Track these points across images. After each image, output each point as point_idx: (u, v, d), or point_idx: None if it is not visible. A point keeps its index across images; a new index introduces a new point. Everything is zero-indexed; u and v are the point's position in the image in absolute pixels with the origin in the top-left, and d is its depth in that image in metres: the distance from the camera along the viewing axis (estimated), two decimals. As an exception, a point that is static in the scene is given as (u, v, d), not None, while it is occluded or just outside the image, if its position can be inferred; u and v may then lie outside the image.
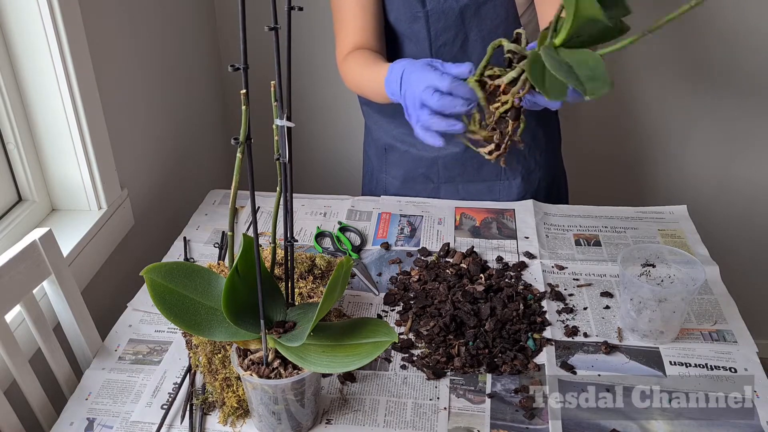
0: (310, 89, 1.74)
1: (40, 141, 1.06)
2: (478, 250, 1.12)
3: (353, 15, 1.13)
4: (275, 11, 0.64)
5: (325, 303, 0.70)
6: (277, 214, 0.80)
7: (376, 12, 1.14)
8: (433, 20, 1.12)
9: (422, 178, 1.31)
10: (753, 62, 1.59)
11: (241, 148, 0.66)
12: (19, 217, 1.05)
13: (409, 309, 0.99)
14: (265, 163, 0.86)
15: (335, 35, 1.18)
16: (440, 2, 1.10)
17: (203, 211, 1.27)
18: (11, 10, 0.96)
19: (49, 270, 0.87)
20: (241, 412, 0.82)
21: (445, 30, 1.12)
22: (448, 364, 0.88)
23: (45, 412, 0.86)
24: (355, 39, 1.14)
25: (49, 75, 1.00)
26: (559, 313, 0.98)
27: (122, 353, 0.93)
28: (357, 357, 0.70)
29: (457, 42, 1.14)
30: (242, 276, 0.72)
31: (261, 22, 0.62)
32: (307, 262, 1.05)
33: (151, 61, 1.32)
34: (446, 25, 1.12)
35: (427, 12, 1.11)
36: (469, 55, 1.15)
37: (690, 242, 1.13)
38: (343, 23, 1.15)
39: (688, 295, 0.88)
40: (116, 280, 1.18)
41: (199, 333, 0.73)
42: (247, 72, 0.61)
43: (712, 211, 1.79)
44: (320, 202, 1.29)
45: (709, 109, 1.67)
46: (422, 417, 0.81)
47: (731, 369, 0.87)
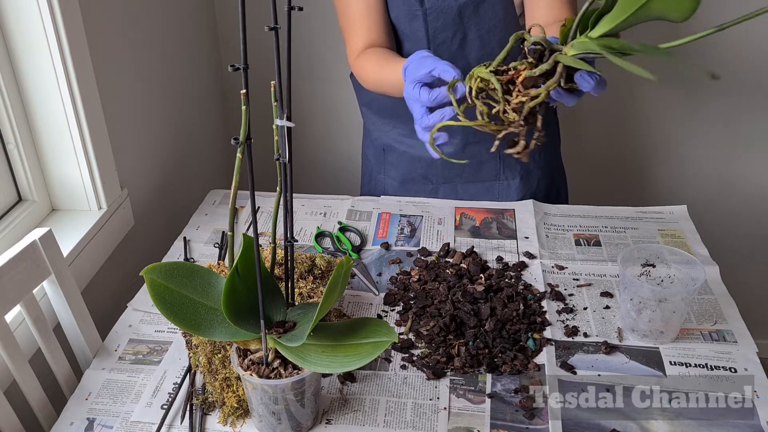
0: (310, 89, 1.74)
1: (40, 141, 1.06)
2: (478, 250, 1.12)
3: (360, 14, 1.13)
4: (275, 11, 0.64)
5: (325, 303, 0.70)
6: (277, 214, 0.80)
7: (382, 9, 1.14)
8: (431, 18, 1.12)
9: (421, 179, 1.30)
10: (753, 62, 1.59)
11: (241, 148, 0.66)
12: (19, 217, 1.05)
13: (409, 309, 0.99)
14: (265, 163, 0.86)
15: (344, 34, 1.18)
16: (439, 0, 1.10)
17: (203, 211, 1.27)
18: (11, 10, 0.96)
19: (49, 270, 0.87)
20: (241, 412, 0.82)
21: (443, 28, 1.12)
22: (448, 364, 0.88)
23: (45, 412, 0.85)
24: (366, 38, 1.14)
25: (49, 75, 1.00)
26: (559, 313, 0.98)
27: (122, 353, 0.93)
28: (357, 357, 0.70)
29: (455, 41, 1.14)
30: (242, 276, 0.72)
31: (261, 22, 0.62)
32: (307, 262, 1.05)
33: (151, 61, 1.32)
34: (444, 24, 1.12)
35: (425, 10, 1.11)
36: (467, 53, 1.15)
37: (690, 242, 1.13)
38: (351, 23, 1.15)
39: (688, 295, 0.88)
40: (116, 280, 1.18)
41: (199, 333, 0.73)
42: (247, 72, 0.61)
43: (712, 211, 1.79)
44: (320, 202, 1.29)
45: (709, 109, 1.67)
46: (422, 417, 0.81)
47: (731, 369, 0.87)
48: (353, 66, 1.17)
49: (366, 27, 1.14)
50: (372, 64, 1.11)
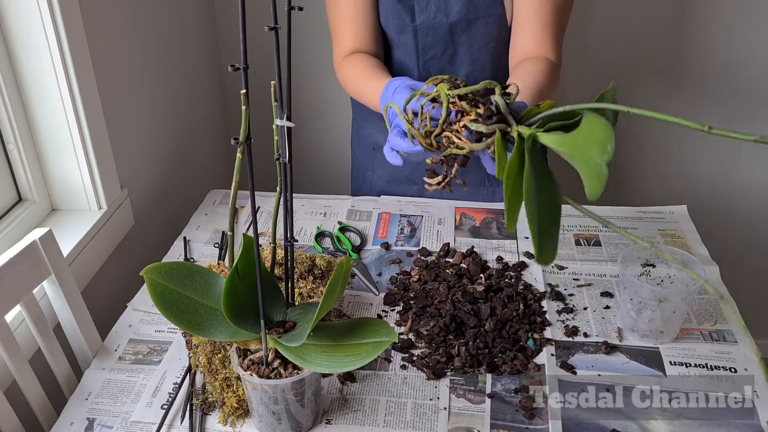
0: (311, 89, 1.74)
1: (40, 141, 1.06)
2: (478, 250, 1.12)
3: (349, 19, 1.13)
4: (275, 11, 0.64)
5: (325, 303, 0.70)
6: (277, 214, 0.80)
7: (371, 16, 1.13)
8: (421, 34, 1.11)
9: (406, 180, 1.30)
10: (753, 61, 1.59)
11: (241, 148, 0.66)
12: (19, 217, 1.05)
13: (409, 309, 0.99)
14: (265, 163, 0.86)
15: (332, 35, 1.17)
16: (429, 17, 1.09)
17: (203, 211, 1.27)
18: (11, 10, 0.96)
19: (49, 270, 0.87)
20: (241, 412, 0.82)
21: (433, 44, 1.12)
22: (448, 364, 0.88)
23: (45, 412, 0.86)
24: (353, 42, 1.13)
25: (49, 75, 1.00)
26: (559, 313, 0.98)
27: (122, 353, 0.93)
28: (357, 357, 0.70)
29: (445, 56, 1.14)
30: (242, 276, 0.72)
31: (261, 22, 0.62)
32: (307, 262, 1.05)
33: (151, 61, 1.32)
34: (434, 40, 1.12)
35: (415, 26, 1.11)
36: (457, 69, 1.15)
37: (690, 242, 1.13)
38: (339, 24, 1.14)
39: (688, 295, 0.88)
40: (116, 280, 1.18)
41: (199, 333, 0.73)
42: (247, 72, 0.61)
43: (712, 211, 1.79)
44: (320, 202, 1.29)
45: (709, 108, 1.67)
46: (422, 417, 0.81)
47: (731, 369, 0.87)
48: (337, 68, 1.17)
49: (354, 31, 1.13)
50: (356, 72, 1.10)
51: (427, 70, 1.16)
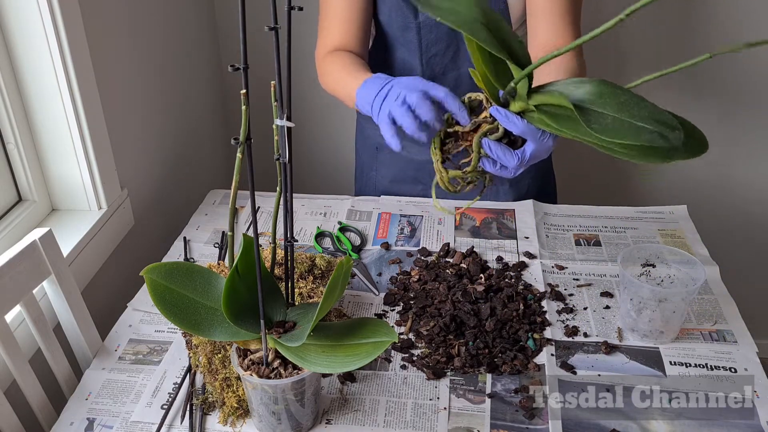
0: (310, 89, 1.73)
1: (40, 141, 1.06)
2: (478, 250, 1.12)
3: (340, 17, 1.12)
4: (275, 11, 0.64)
5: (325, 303, 0.70)
6: (277, 214, 0.80)
7: (363, 16, 1.12)
8: (424, 32, 1.11)
9: (411, 180, 1.30)
10: (753, 61, 1.59)
11: (241, 148, 0.66)
12: (19, 217, 1.05)
13: (409, 309, 0.99)
14: (265, 163, 0.86)
15: (318, 29, 1.16)
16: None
17: (203, 211, 1.27)
18: (11, 10, 0.96)
19: (49, 270, 0.87)
20: (241, 412, 0.82)
21: (436, 41, 1.12)
22: (448, 364, 0.88)
23: (45, 412, 0.86)
24: (339, 40, 1.12)
25: (49, 75, 1.00)
26: (559, 313, 0.98)
27: (122, 353, 0.93)
28: (357, 357, 0.70)
29: (448, 53, 1.13)
30: (242, 276, 0.72)
31: (261, 22, 0.62)
32: (307, 262, 1.05)
33: (151, 61, 1.32)
34: (438, 37, 1.12)
35: (419, 23, 1.10)
36: (460, 66, 1.14)
37: (690, 242, 1.13)
38: (328, 20, 1.14)
39: (688, 295, 0.88)
40: (116, 280, 1.18)
41: (199, 333, 0.73)
42: (247, 72, 0.61)
43: (712, 211, 1.79)
44: (320, 202, 1.29)
45: (709, 108, 1.67)
46: (422, 417, 0.81)
47: (731, 369, 0.87)
48: (319, 63, 1.15)
49: (343, 30, 1.12)
50: (336, 67, 1.09)
51: (431, 68, 1.15)
